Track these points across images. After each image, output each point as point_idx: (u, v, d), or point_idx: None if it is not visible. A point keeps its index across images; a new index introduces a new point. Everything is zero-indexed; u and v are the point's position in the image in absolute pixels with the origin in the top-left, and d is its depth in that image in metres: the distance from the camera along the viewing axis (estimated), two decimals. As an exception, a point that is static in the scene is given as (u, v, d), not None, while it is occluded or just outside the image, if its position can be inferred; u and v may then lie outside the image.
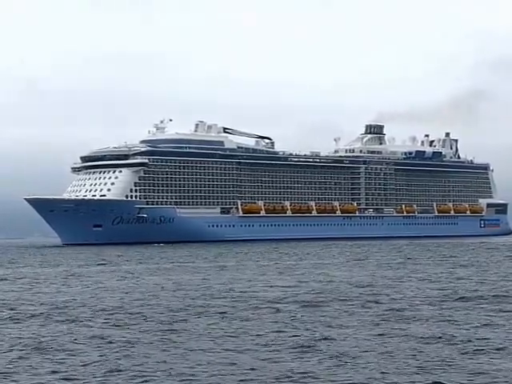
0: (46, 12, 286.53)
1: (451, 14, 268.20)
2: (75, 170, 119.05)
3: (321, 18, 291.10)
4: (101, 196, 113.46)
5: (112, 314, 26.46)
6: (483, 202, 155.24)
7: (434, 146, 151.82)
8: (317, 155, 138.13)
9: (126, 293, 34.57)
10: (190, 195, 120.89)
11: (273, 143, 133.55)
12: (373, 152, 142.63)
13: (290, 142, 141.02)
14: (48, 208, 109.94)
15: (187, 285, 38.28)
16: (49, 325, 24.31)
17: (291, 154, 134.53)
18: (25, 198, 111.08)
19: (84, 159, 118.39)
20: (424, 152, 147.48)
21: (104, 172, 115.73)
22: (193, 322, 23.91)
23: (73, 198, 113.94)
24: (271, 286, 36.34)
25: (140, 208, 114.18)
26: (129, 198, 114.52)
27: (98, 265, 60.44)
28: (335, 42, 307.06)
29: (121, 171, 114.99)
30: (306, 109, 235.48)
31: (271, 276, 43.73)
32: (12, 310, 28.49)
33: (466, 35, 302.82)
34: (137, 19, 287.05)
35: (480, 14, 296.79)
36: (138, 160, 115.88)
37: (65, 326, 23.74)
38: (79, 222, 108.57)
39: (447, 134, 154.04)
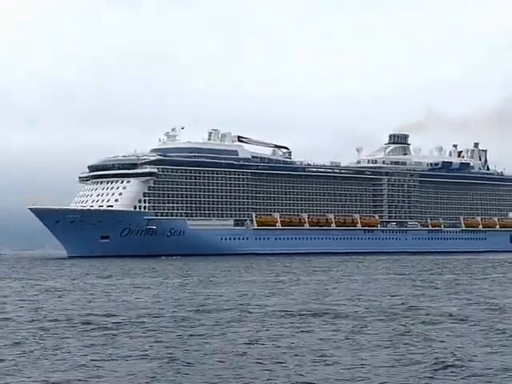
0: (62, 14, 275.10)
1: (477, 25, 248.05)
2: (82, 179, 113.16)
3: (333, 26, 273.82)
4: (108, 206, 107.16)
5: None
6: None
7: (462, 157, 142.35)
8: (337, 166, 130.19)
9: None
10: (201, 206, 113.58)
11: (290, 153, 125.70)
12: (396, 163, 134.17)
13: (308, 151, 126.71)
14: (53, 219, 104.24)
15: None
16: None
17: (309, 164, 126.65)
18: (29, 208, 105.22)
19: (91, 168, 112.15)
20: (451, 163, 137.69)
21: (112, 182, 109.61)
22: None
23: (79, 208, 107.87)
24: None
25: (149, 219, 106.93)
26: (137, 209, 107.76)
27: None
28: (355, 51, 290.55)
29: (129, 181, 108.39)
30: (329, 118, 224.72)
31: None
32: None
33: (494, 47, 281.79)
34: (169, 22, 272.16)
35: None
36: (147, 169, 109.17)
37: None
38: (86, 234, 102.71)
39: (476, 145, 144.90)
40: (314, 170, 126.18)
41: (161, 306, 32.99)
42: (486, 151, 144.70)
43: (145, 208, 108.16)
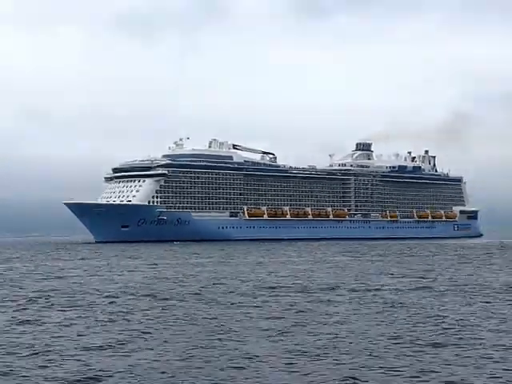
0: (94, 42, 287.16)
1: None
2: (107, 179, 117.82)
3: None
4: (127, 201, 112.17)
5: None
6: (456, 209, 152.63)
7: (415, 162, 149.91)
8: (313, 168, 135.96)
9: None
10: (203, 201, 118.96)
11: (275, 158, 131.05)
12: (362, 166, 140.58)
13: (291, 157, 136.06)
14: (83, 211, 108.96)
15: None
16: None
17: (291, 167, 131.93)
18: (64, 203, 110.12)
19: (114, 170, 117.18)
20: (406, 166, 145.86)
21: (130, 181, 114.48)
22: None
23: (104, 202, 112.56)
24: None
25: (160, 212, 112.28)
26: (151, 204, 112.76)
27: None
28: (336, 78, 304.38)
29: (144, 181, 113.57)
30: (310, 130, 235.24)
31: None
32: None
33: (454, 73, 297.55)
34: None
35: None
36: (159, 171, 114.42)
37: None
38: (109, 223, 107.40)
39: (426, 152, 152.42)
40: (295, 172, 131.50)
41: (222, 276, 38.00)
42: (434, 157, 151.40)
43: (157, 202, 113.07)
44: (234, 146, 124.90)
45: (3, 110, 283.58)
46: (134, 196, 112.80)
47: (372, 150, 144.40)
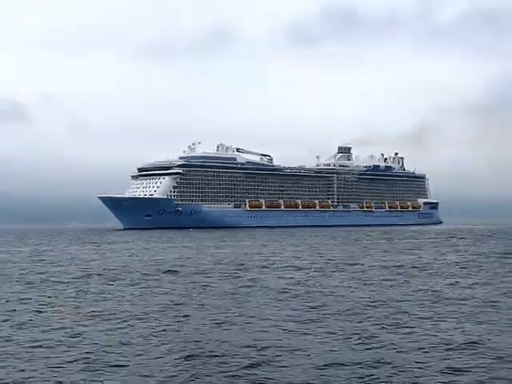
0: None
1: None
2: (133, 177, 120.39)
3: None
4: (150, 195, 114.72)
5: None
6: (421, 201, 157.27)
7: (387, 162, 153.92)
8: (303, 168, 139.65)
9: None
10: (212, 195, 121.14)
11: (272, 159, 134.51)
12: (343, 166, 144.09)
13: (284, 158, 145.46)
14: (114, 203, 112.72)
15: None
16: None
17: (284, 167, 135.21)
18: (98, 197, 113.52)
19: (139, 170, 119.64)
20: (379, 166, 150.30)
21: (152, 179, 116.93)
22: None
23: (131, 196, 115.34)
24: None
25: (177, 204, 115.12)
26: (169, 197, 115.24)
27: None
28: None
29: (164, 178, 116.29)
30: (300, 136, 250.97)
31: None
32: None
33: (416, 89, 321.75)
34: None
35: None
36: (176, 171, 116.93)
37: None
38: (135, 213, 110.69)
39: (396, 154, 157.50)
40: (288, 170, 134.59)
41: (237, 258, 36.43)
42: (402, 158, 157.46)
43: (174, 196, 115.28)
44: (238, 150, 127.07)
45: (56, 122, 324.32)
46: (155, 191, 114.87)
47: (351, 152, 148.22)
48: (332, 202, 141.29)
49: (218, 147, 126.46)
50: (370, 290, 21.51)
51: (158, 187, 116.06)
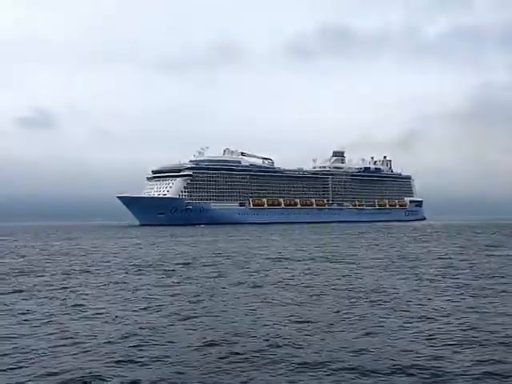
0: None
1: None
2: (148, 178, 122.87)
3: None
4: (163, 195, 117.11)
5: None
6: (407, 199, 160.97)
7: (377, 164, 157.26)
8: (301, 170, 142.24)
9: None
10: (219, 194, 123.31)
11: (273, 162, 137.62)
12: (337, 168, 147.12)
13: (284, 161, 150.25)
14: (131, 202, 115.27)
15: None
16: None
17: (285, 169, 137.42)
18: (117, 196, 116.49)
19: (153, 172, 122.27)
20: (369, 168, 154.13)
21: (165, 180, 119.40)
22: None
23: (146, 196, 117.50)
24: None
25: (187, 203, 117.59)
26: (180, 197, 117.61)
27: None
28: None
29: (176, 179, 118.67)
30: (298, 141, 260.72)
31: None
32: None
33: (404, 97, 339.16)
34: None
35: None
36: (186, 173, 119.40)
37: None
38: (150, 211, 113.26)
39: (385, 157, 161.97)
40: (287, 172, 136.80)
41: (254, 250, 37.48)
42: (390, 161, 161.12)
43: (185, 196, 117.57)
44: (242, 154, 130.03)
45: (83, 128, 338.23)
46: (168, 191, 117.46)
47: (345, 155, 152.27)
48: (327, 200, 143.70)
49: (224, 151, 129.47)
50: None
51: (170, 188, 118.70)
